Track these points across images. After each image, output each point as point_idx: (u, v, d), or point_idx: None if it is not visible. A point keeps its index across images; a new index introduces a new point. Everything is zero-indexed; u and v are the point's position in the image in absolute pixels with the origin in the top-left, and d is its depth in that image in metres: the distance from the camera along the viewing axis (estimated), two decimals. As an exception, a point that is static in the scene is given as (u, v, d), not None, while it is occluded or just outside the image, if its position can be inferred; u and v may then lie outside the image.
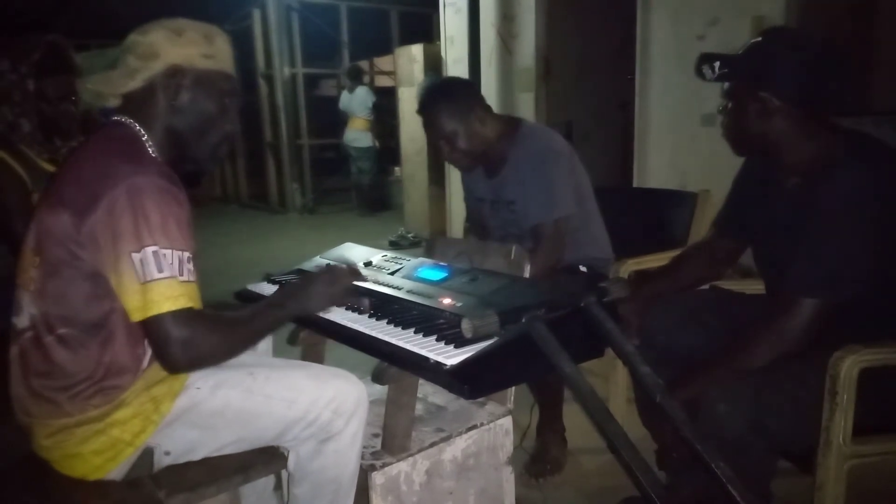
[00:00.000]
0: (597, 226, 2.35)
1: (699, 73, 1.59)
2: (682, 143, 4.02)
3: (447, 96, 2.22)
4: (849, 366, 1.40)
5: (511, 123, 2.30)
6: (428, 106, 2.22)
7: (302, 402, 1.39)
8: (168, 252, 1.18)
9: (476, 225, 2.50)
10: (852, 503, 1.49)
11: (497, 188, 2.30)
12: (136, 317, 1.19)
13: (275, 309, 1.39)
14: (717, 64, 1.56)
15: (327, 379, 1.44)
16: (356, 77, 8.34)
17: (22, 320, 1.29)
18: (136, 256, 1.16)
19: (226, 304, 1.73)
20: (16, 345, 1.31)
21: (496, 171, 2.29)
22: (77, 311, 1.24)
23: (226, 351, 1.28)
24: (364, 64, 9.48)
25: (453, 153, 2.22)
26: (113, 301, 1.22)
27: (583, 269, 2.25)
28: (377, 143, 8.29)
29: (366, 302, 1.40)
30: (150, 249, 1.16)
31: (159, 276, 1.17)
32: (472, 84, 2.36)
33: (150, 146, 1.32)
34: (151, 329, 1.19)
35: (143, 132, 1.32)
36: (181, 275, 1.19)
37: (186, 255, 1.21)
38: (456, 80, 2.44)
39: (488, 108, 2.28)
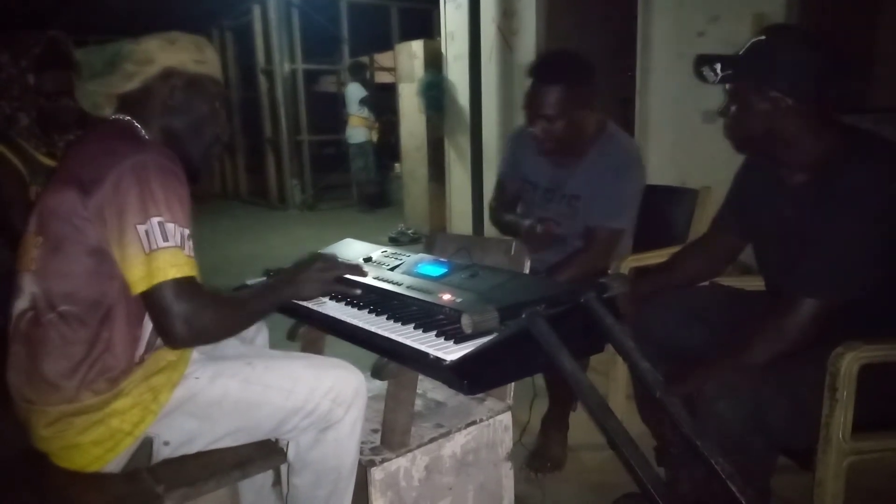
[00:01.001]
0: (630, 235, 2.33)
1: (699, 76, 1.56)
2: (682, 139, 4.01)
3: (576, 80, 2.08)
4: (849, 362, 1.40)
5: (599, 120, 2.23)
6: (550, 78, 2.07)
7: (300, 391, 1.40)
8: (171, 225, 1.22)
9: (503, 205, 2.40)
10: (851, 500, 1.49)
11: (562, 178, 2.25)
12: (140, 287, 1.21)
13: (271, 292, 1.44)
14: (718, 65, 1.53)
15: (325, 368, 1.45)
16: (354, 73, 8.34)
17: (22, 302, 1.31)
18: (141, 228, 1.20)
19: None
20: (16, 328, 1.31)
21: (568, 161, 2.23)
22: (78, 287, 1.25)
23: (225, 326, 1.32)
24: (364, 60, 9.46)
25: (545, 132, 2.11)
26: (114, 279, 1.24)
27: (611, 271, 2.23)
28: (373, 139, 8.25)
29: (357, 291, 1.43)
30: (155, 220, 1.21)
31: (165, 245, 1.21)
32: (595, 74, 2.16)
33: (147, 138, 1.38)
34: (154, 300, 1.21)
35: (140, 128, 1.38)
36: (183, 248, 1.23)
37: (187, 231, 1.25)
38: (587, 65, 2.15)
39: (595, 102, 2.17)
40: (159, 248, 1.20)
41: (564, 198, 2.24)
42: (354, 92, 8.17)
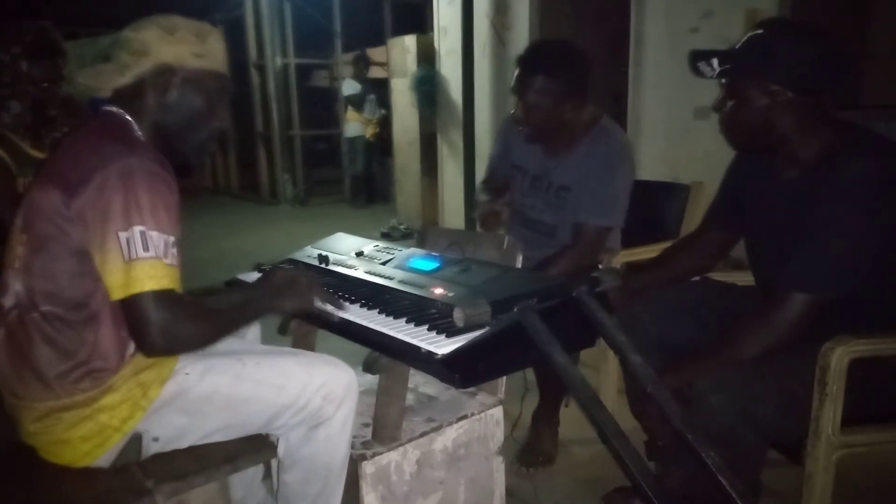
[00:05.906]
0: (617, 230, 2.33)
1: (695, 71, 1.53)
2: (675, 135, 4.02)
3: (559, 72, 2.08)
4: (838, 356, 1.41)
5: (593, 112, 2.22)
6: (534, 65, 2.10)
7: (292, 387, 1.39)
8: (155, 234, 1.19)
9: (489, 188, 2.37)
10: (840, 493, 1.50)
11: (550, 167, 2.24)
12: (117, 294, 1.18)
13: (252, 303, 1.40)
14: (714, 60, 1.50)
15: (317, 365, 1.44)
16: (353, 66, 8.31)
17: (7, 299, 1.29)
18: (122, 235, 1.17)
19: (215, 291, 1.72)
20: (2, 324, 1.30)
21: (559, 151, 2.22)
22: (62, 288, 1.23)
23: (202, 339, 1.28)
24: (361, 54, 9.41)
25: (527, 118, 2.13)
26: (97, 280, 1.22)
27: (600, 266, 2.23)
28: (366, 135, 8.17)
29: (338, 313, 1.40)
30: (137, 229, 1.17)
31: (144, 255, 1.17)
32: (589, 68, 2.16)
33: (139, 136, 1.34)
34: (131, 309, 1.18)
35: (133, 123, 1.34)
36: (165, 257, 1.20)
37: (172, 239, 1.22)
38: (577, 58, 2.16)
39: (586, 96, 2.16)
40: (138, 259, 1.17)
41: (552, 187, 2.24)
42: (346, 88, 8.15)
